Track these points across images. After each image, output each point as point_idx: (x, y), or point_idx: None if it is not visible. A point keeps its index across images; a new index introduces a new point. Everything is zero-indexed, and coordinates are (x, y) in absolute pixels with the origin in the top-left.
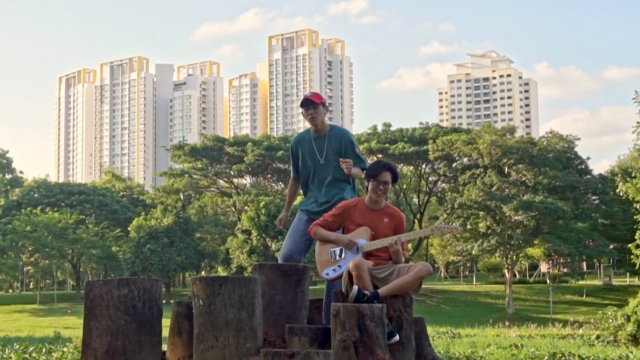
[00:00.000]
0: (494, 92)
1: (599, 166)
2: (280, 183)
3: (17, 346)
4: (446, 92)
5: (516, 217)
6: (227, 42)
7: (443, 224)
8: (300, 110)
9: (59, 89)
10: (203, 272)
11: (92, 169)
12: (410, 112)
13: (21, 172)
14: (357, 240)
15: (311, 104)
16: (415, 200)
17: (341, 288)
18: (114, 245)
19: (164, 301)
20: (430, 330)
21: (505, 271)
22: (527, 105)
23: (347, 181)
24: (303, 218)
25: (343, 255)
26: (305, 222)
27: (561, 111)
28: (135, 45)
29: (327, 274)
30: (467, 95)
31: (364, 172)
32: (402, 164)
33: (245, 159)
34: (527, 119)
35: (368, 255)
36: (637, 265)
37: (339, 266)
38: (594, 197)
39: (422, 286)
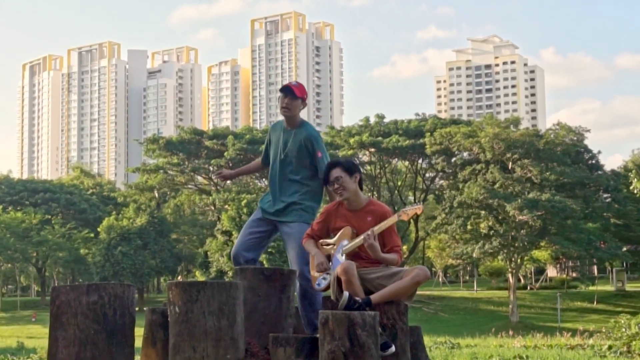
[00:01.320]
0: (497, 81)
1: (611, 161)
2: (263, 179)
3: None
4: (444, 81)
5: (521, 217)
6: (205, 26)
7: (407, 207)
8: (279, 94)
9: (23, 77)
10: (179, 277)
11: (59, 164)
12: (405, 102)
13: None
14: (340, 243)
15: (290, 94)
16: (411, 198)
17: (320, 294)
18: (83, 247)
19: (137, 308)
20: (427, 340)
21: (509, 276)
22: (532, 94)
23: (304, 183)
24: (257, 215)
25: (330, 261)
26: (257, 219)
27: (570, 101)
28: (106, 29)
29: (318, 284)
30: (468, 84)
31: None
32: (396, 159)
33: (225, 153)
34: (533, 110)
35: (356, 258)
36: None
37: (328, 273)
38: (605, 195)
39: (419, 292)
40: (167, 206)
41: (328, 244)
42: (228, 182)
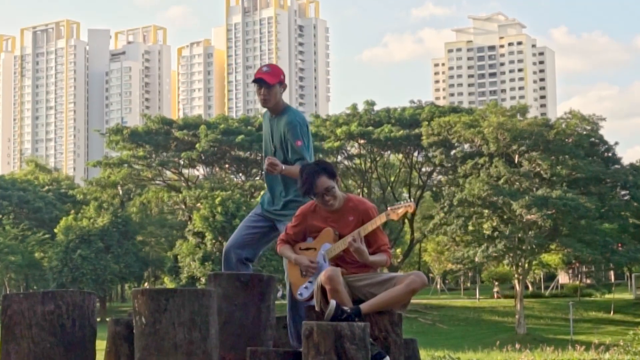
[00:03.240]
0: (502, 64)
1: (630, 153)
2: (240, 174)
3: None
4: (443, 64)
5: (529, 216)
6: (175, 3)
7: (397, 204)
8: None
9: None
10: (146, 284)
11: (11, 157)
12: (398, 88)
13: None
14: (322, 246)
15: (263, 84)
16: (406, 195)
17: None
18: (37, 250)
19: (98, 319)
20: (423, 354)
21: (516, 282)
22: (541, 79)
23: (295, 183)
24: (257, 210)
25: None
26: (256, 214)
27: (584, 87)
28: (64, 6)
29: (300, 294)
30: (469, 68)
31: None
32: (389, 151)
33: (197, 145)
34: (542, 97)
35: (342, 262)
36: None
37: (310, 282)
38: (623, 192)
39: (414, 301)
40: (132, 204)
41: (308, 248)
42: (200, 177)
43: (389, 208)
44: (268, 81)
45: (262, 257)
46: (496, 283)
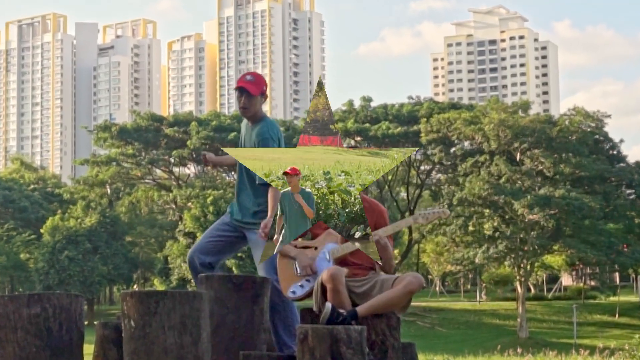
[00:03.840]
0: (503, 59)
1: (636, 151)
2: (232, 173)
3: None
4: (442, 59)
5: (531, 216)
6: None
7: (427, 209)
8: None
9: None
10: (135, 286)
11: None
12: (396, 83)
13: None
14: (326, 245)
15: (245, 93)
16: (404, 194)
17: (294, 309)
18: (23, 251)
19: (85, 322)
20: (422, 358)
21: (517, 284)
22: (544, 75)
23: (264, 193)
24: (225, 219)
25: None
26: (224, 223)
27: (588, 82)
28: None
29: (293, 292)
30: (469, 63)
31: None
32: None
33: (188, 142)
34: (545, 92)
35: (343, 262)
36: None
37: (307, 280)
38: (629, 191)
39: (413, 303)
40: (120, 204)
41: (306, 247)
42: (191, 176)
43: (418, 212)
44: (251, 91)
45: None
46: (484, 285)
